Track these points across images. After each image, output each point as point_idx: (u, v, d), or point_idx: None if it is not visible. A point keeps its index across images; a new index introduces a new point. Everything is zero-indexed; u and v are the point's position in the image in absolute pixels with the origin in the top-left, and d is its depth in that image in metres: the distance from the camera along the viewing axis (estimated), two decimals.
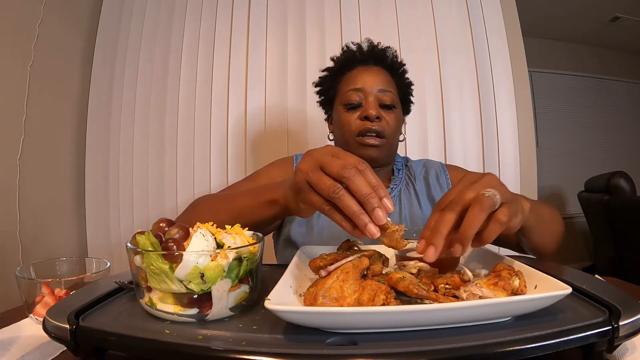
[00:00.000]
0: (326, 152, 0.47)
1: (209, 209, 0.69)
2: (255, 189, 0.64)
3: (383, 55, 0.93)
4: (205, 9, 1.66)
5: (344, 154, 0.47)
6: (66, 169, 1.69)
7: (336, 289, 0.39)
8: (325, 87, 0.96)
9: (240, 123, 1.60)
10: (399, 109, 0.91)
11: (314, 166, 0.46)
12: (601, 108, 3.57)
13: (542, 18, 2.99)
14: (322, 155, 0.46)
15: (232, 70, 1.61)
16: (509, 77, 1.52)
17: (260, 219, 0.60)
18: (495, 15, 1.54)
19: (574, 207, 2.98)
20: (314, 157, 0.47)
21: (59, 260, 0.61)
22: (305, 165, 0.47)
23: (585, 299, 0.41)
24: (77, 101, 1.72)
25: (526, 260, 0.55)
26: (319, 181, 0.45)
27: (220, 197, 0.71)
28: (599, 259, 2.90)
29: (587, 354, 0.35)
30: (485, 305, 0.35)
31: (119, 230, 1.68)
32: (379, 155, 0.86)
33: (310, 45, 1.58)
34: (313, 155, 0.47)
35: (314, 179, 0.45)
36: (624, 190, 2.35)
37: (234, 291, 0.42)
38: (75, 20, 1.72)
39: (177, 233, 0.42)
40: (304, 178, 0.46)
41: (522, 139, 1.52)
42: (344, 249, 0.55)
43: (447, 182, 0.94)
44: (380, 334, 0.36)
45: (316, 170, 0.45)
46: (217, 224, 0.47)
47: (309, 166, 0.46)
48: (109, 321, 0.40)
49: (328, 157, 0.46)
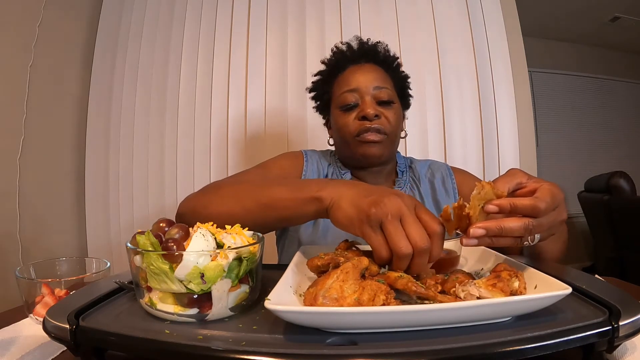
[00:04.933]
0: (412, 205, 0.46)
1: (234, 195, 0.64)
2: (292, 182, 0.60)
3: (374, 51, 0.90)
4: (205, 8, 1.66)
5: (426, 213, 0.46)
6: (66, 169, 1.69)
7: (336, 289, 0.39)
8: (320, 92, 0.94)
9: (240, 121, 1.60)
10: (398, 104, 0.88)
11: (397, 215, 0.45)
12: (601, 108, 3.57)
13: (542, 18, 2.99)
14: (408, 207, 0.46)
15: (232, 69, 1.61)
16: (509, 77, 1.52)
17: (295, 215, 0.57)
18: (495, 15, 1.54)
19: (574, 207, 2.98)
20: (401, 204, 0.45)
21: (59, 260, 0.61)
22: (391, 207, 0.45)
23: (585, 299, 0.41)
24: (77, 101, 1.72)
25: (526, 260, 0.55)
26: (395, 236, 0.44)
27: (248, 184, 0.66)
28: (599, 259, 2.90)
29: (587, 354, 0.35)
30: (485, 305, 0.35)
31: (119, 230, 1.68)
32: (381, 152, 0.83)
33: (310, 45, 1.58)
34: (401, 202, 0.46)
35: (390, 228, 0.44)
36: (624, 190, 2.35)
37: (234, 291, 0.42)
38: (75, 20, 1.72)
39: (177, 233, 0.43)
40: (381, 217, 0.45)
41: (522, 139, 1.52)
42: (342, 249, 0.55)
43: (453, 187, 0.91)
44: (380, 334, 0.36)
45: (396, 220, 0.45)
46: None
47: (393, 211, 0.45)
48: (109, 321, 0.40)
49: (412, 213, 0.45)
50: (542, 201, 0.44)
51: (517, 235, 0.45)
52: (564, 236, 0.70)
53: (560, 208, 0.48)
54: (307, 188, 0.55)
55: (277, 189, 0.59)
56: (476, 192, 0.44)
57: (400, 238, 0.44)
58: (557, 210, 0.47)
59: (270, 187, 0.61)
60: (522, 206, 0.44)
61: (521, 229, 0.44)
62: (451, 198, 0.90)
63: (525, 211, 0.44)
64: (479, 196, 0.44)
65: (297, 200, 0.55)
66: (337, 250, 0.55)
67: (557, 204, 0.47)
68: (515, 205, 0.44)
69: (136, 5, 1.72)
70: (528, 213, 0.44)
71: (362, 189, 0.51)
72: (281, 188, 0.59)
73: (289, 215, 0.57)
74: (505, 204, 0.44)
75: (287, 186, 0.59)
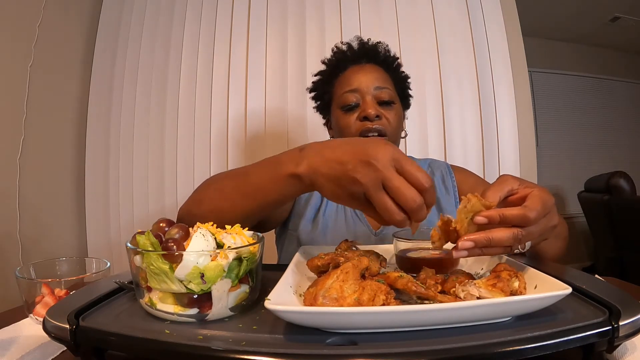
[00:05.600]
0: (389, 163, 0.43)
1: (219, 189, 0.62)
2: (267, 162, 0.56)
3: (375, 52, 0.90)
4: (205, 8, 1.66)
5: (409, 166, 0.44)
6: (66, 169, 1.69)
7: (336, 289, 0.39)
8: (320, 92, 0.94)
9: (241, 121, 1.60)
10: (399, 105, 0.89)
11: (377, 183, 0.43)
12: (601, 108, 3.57)
13: (542, 18, 2.99)
14: (385, 168, 0.43)
15: (232, 69, 1.61)
16: (509, 77, 1.52)
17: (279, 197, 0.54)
18: (495, 15, 1.54)
19: (574, 207, 2.98)
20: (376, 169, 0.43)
21: (59, 260, 0.61)
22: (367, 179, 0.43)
23: (585, 299, 0.41)
24: (77, 101, 1.72)
25: (526, 260, 0.55)
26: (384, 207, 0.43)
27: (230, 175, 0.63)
28: (599, 259, 2.90)
29: (587, 354, 0.35)
30: (485, 305, 0.35)
31: (119, 230, 1.68)
32: None
33: (310, 45, 1.58)
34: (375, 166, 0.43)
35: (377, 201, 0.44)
36: (624, 190, 2.35)
37: (234, 291, 0.42)
38: (75, 20, 1.72)
39: (177, 233, 0.42)
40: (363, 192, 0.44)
41: (522, 139, 1.52)
42: (342, 249, 0.55)
43: (452, 185, 0.91)
44: (380, 334, 0.36)
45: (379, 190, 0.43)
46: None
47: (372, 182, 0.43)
48: (109, 321, 0.40)
49: (393, 173, 0.43)
50: (532, 210, 0.44)
51: (507, 245, 0.45)
52: (563, 235, 0.70)
53: (551, 214, 0.47)
54: (282, 166, 0.52)
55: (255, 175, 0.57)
56: (462, 206, 0.44)
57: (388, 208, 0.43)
58: (548, 217, 0.47)
59: (249, 174, 0.58)
60: (511, 216, 0.44)
61: (510, 239, 0.44)
62: (451, 196, 0.90)
63: (514, 221, 0.44)
64: (466, 210, 0.44)
65: (278, 181, 0.52)
66: (337, 250, 0.55)
67: (548, 210, 0.47)
68: (504, 216, 0.44)
69: (136, 5, 1.72)
70: (518, 223, 0.44)
71: (334, 162, 0.47)
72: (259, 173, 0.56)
73: (274, 198, 0.55)
74: (494, 215, 0.44)
75: (263, 168, 0.56)
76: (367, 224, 0.86)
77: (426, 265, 0.50)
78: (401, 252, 0.56)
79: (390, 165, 0.43)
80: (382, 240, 0.84)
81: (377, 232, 0.85)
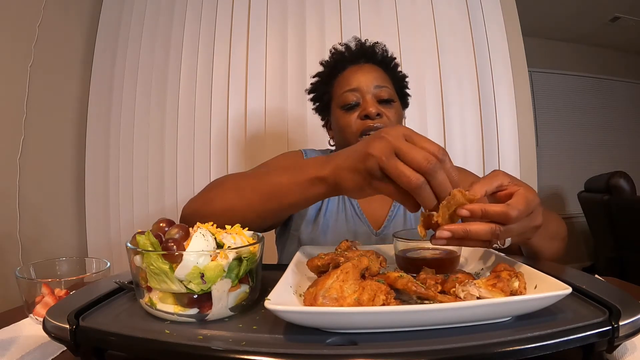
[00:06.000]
0: (399, 135, 0.44)
1: (235, 189, 0.62)
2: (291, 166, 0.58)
3: (373, 52, 0.91)
4: (205, 8, 1.66)
5: (419, 137, 0.45)
6: (66, 169, 1.69)
7: (336, 289, 0.39)
8: (319, 93, 0.94)
9: (240, 121, 1.60)
10: (398, 103, 0.89)
11: (389, 152, 0.43)
12: (601, 108, 3.57)
13: (542, 18, 2.99)
14: (396, 139, 0.44)
15: (232, 69, 1.61)
16: (509, 77, 1.52)
17: (301, 199, 0.55)
18: (495, 15, 1.54)
19: (574, 207, 2.98)
20: (387, 140, 0.44)
21: (59, 260, 0.61)
22: (379, 150, 0.44)
23: (585, 299, 0.41)
24: (77, 101, 1.72)
25: (526, 260, 0.55)
26: (398, 173, 0.43)
27: (247, 176, 0.64)
28: (599, 259, 2.90)
29: (587, 354, 0.35)
30: (485, 305, 0.35)
31: (119, 230, 1.68)
32: None
33: (310, 45, 1.58)
34: (386, 138, 0.44)
35: (390, 168, 0.43)
36: (624, 190, 2.35)
37: (234, 291, 0.42)
38: (75, 20, 1.72)
39: (177, 233, 0.42)
40: (377, 164, 0.44)
41: (522, 139, 1.52)
42: (342, 249, 0.55)
43: None
44: (380, 334, 0.36)
45: (392, 158, 0.43)
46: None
47: (383, 151, 0.44)
48: (109, 321, 0.40)
49: (403, 142, 0.43)
50: (514, 209, 0.44)
51: (484, 239, 0.45)
52: (562, 236, 0.70)
53: (535, 214, 0.48)
54: (307, 169, 0.53)
55: (276, 177, 0.58)
56: (445, 201, 0.44)
57: (398, 168, 0.43)
58: (531, 217, 0.47)
59: (270, 175, 0.59)
60: (493, 212, 0.44)
61: (488, 233, 0.44)
62: None
63: (495, 218, 0.44)
64: (449, 204, 0.44)
65: (301, 184, 0.54)
66: (337, 250, 0.55)
67: (531, 210, 0.47)
68: (486, 211, 0.44)
69: (136, 5, 1.72)
70: (499, 220, 0.44)
71: (352, 151, 0.49)
72: (280, 175, 0.57)
73: (295, 201, 0.55)
74: (476, 209, 0.44)
75: (285, 172, 0.57)
76: (368, 224, 0.86)
77: (426, 265, 0.50)
78: (401, 252, 0.56)
79: (401, 137, 0.44)
80: (382, 240, 0.84)
81: (378, 232, 0.85)
